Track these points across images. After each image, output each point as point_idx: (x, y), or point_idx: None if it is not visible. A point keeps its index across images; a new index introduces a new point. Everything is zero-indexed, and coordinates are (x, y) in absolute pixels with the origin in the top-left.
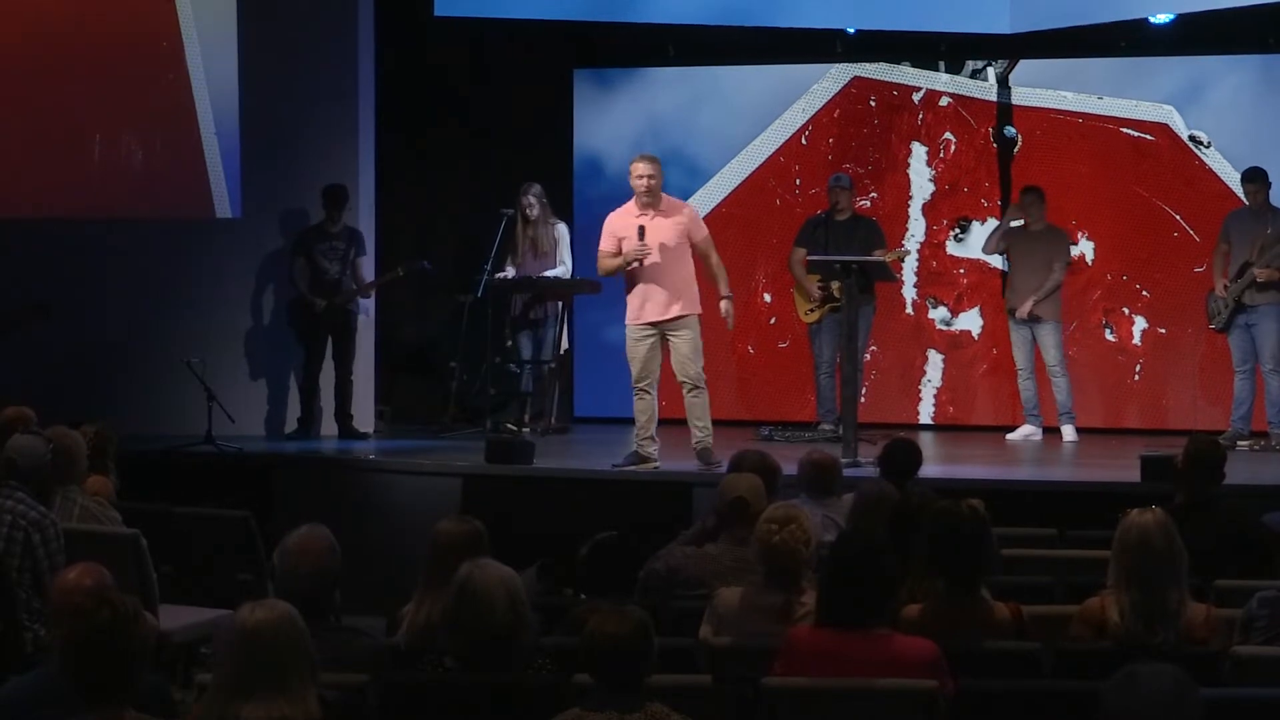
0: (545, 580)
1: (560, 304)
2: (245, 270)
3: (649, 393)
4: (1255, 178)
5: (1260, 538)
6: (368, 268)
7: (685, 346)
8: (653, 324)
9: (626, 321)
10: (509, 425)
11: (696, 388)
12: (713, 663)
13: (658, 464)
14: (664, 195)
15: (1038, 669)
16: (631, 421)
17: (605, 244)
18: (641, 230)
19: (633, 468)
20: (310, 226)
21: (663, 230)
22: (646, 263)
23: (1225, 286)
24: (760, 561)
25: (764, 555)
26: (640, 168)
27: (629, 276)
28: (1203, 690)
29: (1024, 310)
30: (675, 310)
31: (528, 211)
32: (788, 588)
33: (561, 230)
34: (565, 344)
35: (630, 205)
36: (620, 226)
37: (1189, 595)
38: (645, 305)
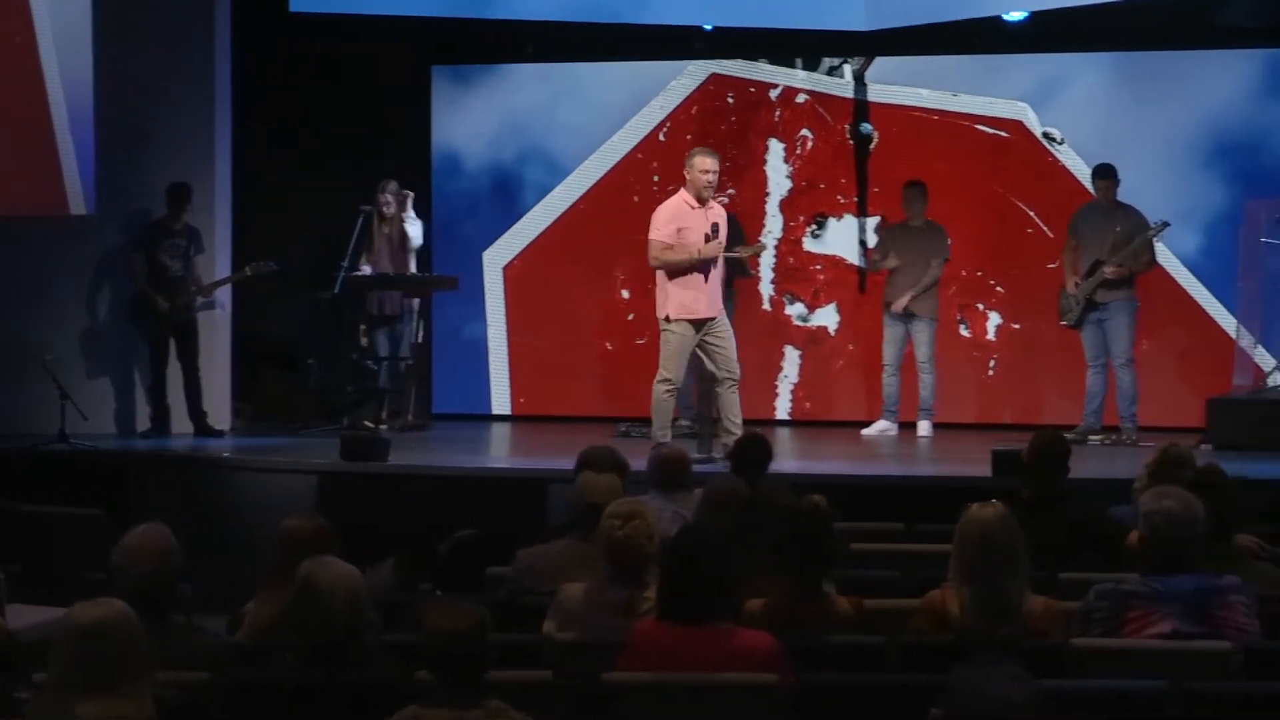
0: (401, 576)
1: (417, 301)
2: (99, 267)
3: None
4: (1105, 174)
5: (1107, 530)
6: (222, 266)
7: (730, 342)
8: (701, 321)
9: (674, 316)
10: (366, 422)
11: (736, 382)
12: (557, 658)
13: None
14: None
15: (879, 662)
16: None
17: (665, 236)
18: (716, 228)
19: None
20: (152, 223)
21: (721, 227)
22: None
23: (1076, 284)
24: (604, 557)
25: (608, 550)
26: (708, 163)
27: (682, 271)
28: (1042, 682)
29: (900, 305)
30: (720, 307)
31: (385, 208)
32: (632, 583)
33: (418, 227)
34: (421, 339)
35: (682, 199)
36: (680, 219)
37: (1029, 588)
38: (699, 301)
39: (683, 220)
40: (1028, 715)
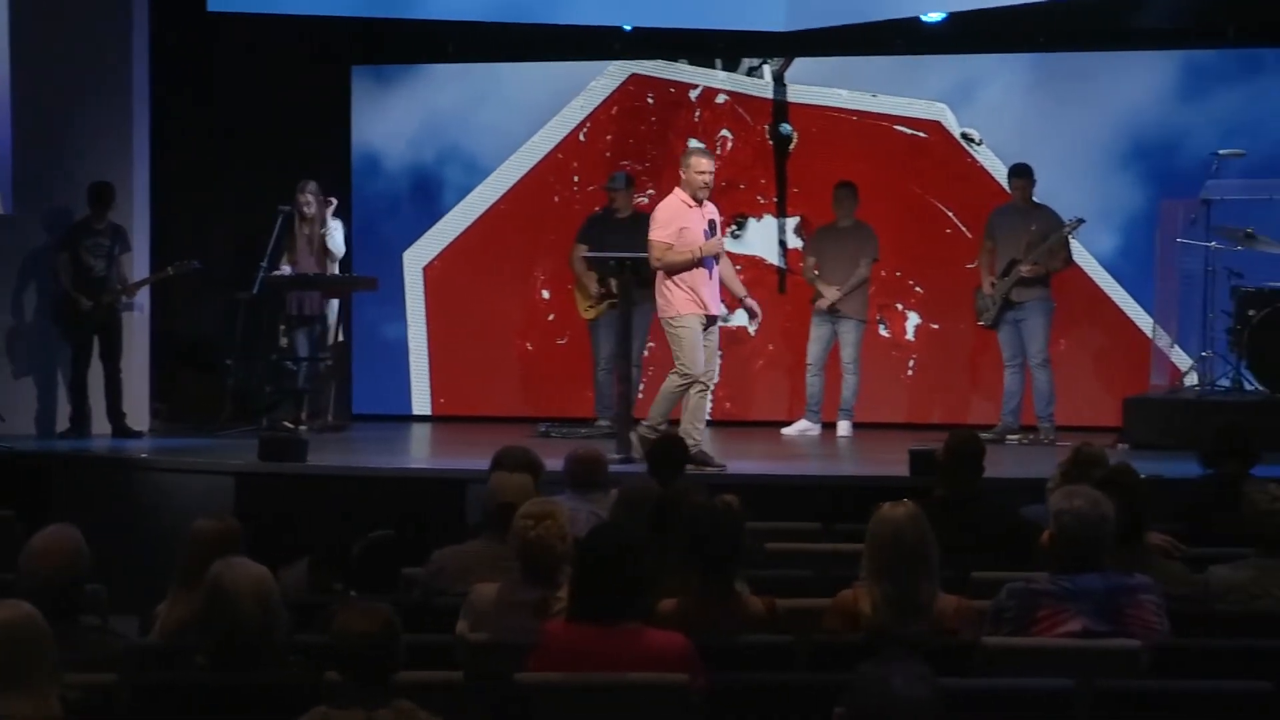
0: (315, 576)
1: (337, 301)
2: (19, 267)
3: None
4: (1021, 173)
5: (1020, 530)
6: (141, 266)
7: (715, 350)
8: (709, 316)
9: (684, 311)
10: (285, 423)
11: (708, 388)
12: (469, 659)
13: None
14: None
15: (790, 661)
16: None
17: (667, 236)
18: (714, 225)
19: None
20: (76, 223)
21: (717, 225)
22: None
23: (993, 284)
24: (517, 557)
25: (520, 551)
26: (704, 163)
27: (684, 268)
28: (952, 681)
29: (825, 302)
30: (719, 306)
31: (304, 209)
32: (544, 583)
33: (337, 227)
34: (341, 340)
35: (679, 198)
36: (680, 219)
37: (940, 587)
38: (703, 296)
39: (683, 220)
40: (929, 713)
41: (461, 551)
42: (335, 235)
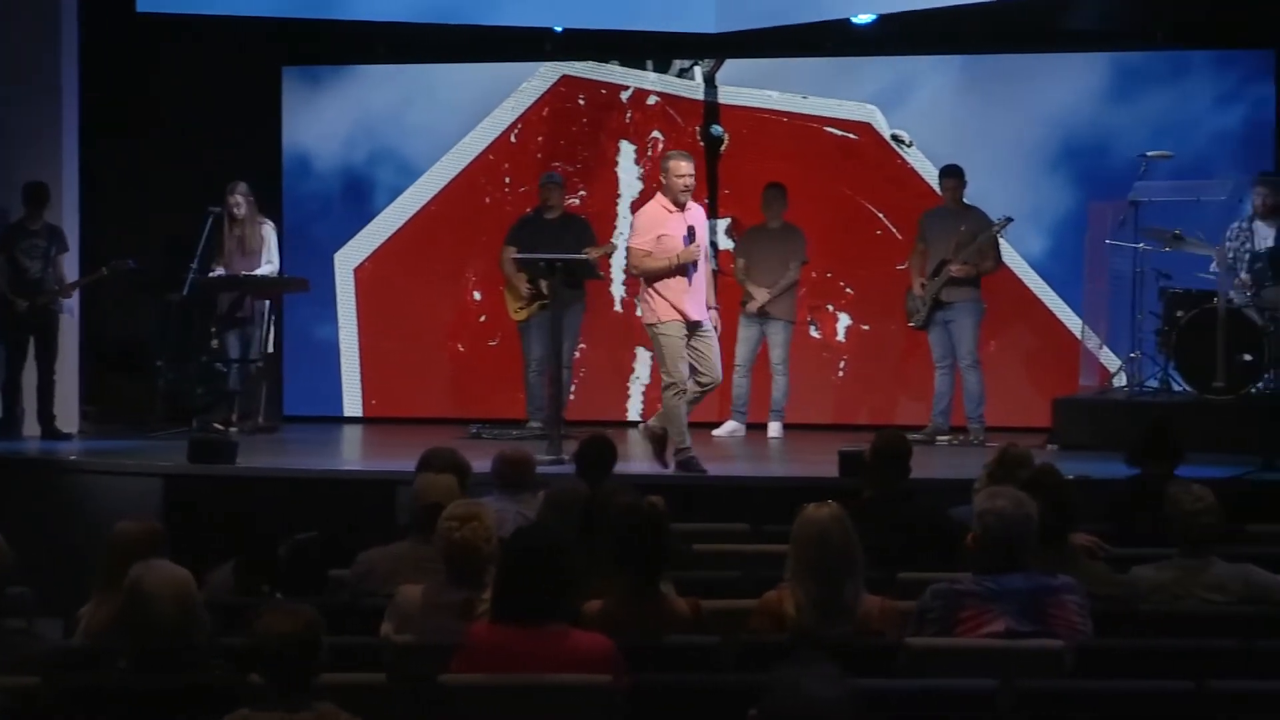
0: (242, 578)
1: (268, 303)
2: None
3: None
4: (953, 174)
5: (947, 530)
6: (71, 266)
7: (713, 349)
8: (691, 322)
9: (665, 318)
10: (216, 425)
11: (705, 390)
12: (394, 661)
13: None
14: None
15: (715, 662)
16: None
17: (645, 243)
18: (693, 232)
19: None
20: (11, 224)
21: (701, 230)
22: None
23: (923, 285)
24: (442, 558)
25: (445, 552)
26: (684, 167)
27: (663, 275)
28: (877, 682)
29: (755, 304)
30: (705, 311)
31: (235, 210)
32: (470, 585)
33: (269, 229)
34: (272, 343)
35: (660, 204)
36: (660, 224)
37: (866, 588)
38: (684, 303)
39: (662, 226)
40: (841, 712)
41: (388, 553)
42: (269, 259)
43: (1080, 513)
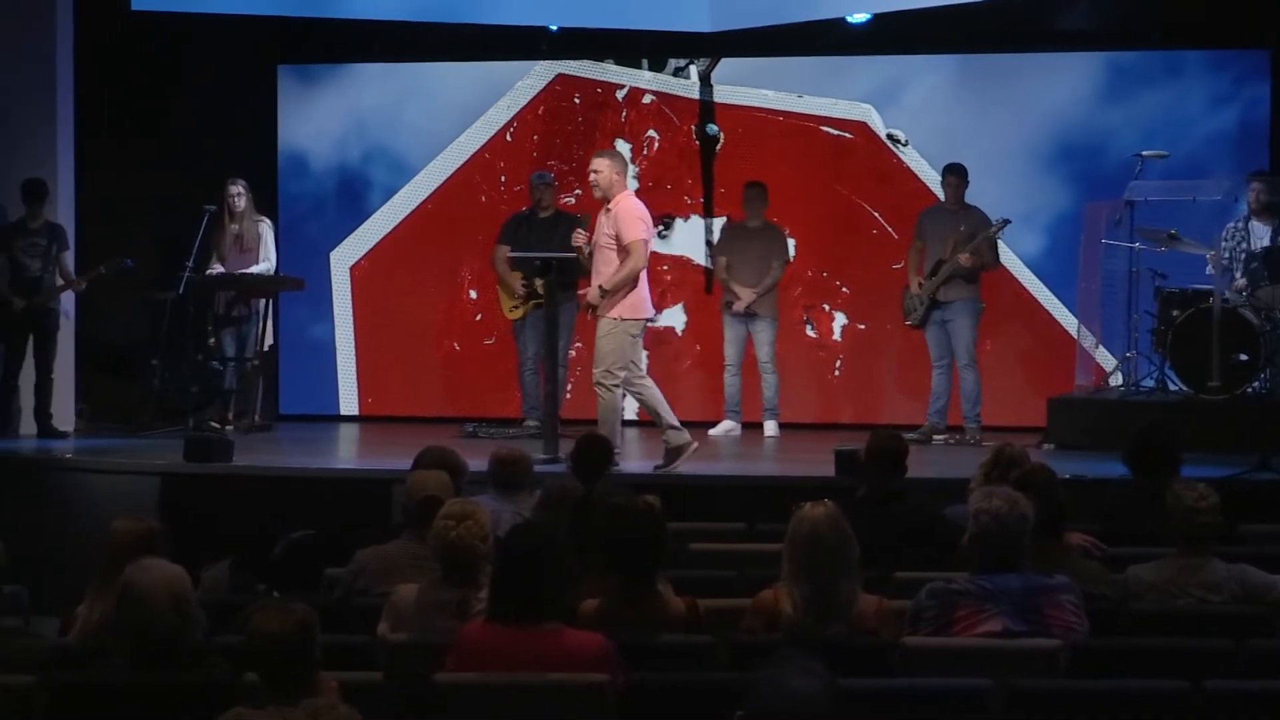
0: (237, 577)
1: (264, 301)
2: None
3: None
4: (956, 171)
5: (942, 530)
6: (69, 264)
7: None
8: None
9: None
10: (212, 423)
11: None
12: (390, 659)
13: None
14: None
15: (710, 661)
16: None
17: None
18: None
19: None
20: (10, 223)
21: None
22: None
23: (920, 284)
24: (437, 557)
25: (441, 551)
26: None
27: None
28: (872, 681)
29: (741, 305)
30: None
31: (233, 202)
32: (464, 583)
33: (266, 227)
34: (269, 341)
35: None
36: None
37: (860, 587)
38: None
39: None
40: (824, 709)
41: (383, 552)
42: (269, 253)
43: (1074, 512)
